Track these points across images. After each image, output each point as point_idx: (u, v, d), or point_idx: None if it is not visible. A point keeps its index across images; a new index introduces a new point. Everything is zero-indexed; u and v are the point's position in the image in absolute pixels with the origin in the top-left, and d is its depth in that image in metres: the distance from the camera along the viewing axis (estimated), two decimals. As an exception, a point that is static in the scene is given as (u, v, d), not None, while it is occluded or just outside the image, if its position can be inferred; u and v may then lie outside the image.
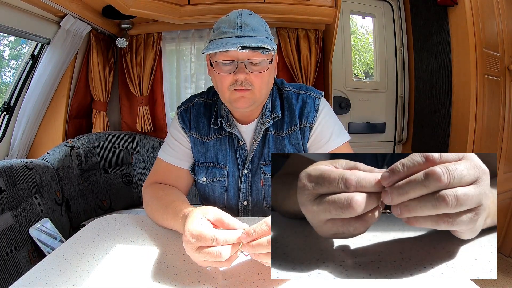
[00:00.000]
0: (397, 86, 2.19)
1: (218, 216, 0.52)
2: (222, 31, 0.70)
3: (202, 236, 0.47)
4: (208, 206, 0.55)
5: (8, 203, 1.05)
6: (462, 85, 1.66)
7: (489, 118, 1.67)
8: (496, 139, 1.74)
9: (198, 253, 0.48)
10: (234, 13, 0.73)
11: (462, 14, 1.60)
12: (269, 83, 0.77)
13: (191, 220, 0.51)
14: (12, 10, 1.23)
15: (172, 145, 0.85)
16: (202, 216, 0.52)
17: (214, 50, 0.68)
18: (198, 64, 1.98)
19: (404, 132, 2.20)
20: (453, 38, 1.70)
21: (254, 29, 0.71)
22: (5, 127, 1.50)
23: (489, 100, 1.66)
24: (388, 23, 2.16)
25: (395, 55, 2.17)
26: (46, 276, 0.50)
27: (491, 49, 1.66)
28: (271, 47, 0.69)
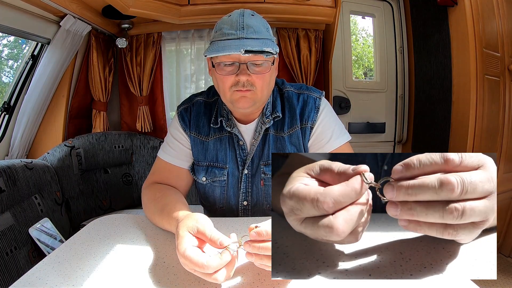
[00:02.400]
0: (397, 86, 2.18)
1: (201, 230, 0.50)
2: (224, 33, 0.70)
3: (193, 263, 0.46)
4: (194, 218, 0.54)
5: (8, 203, 1.05)
6: (462, 85, 1.66)
7: (489, 118, 1.67)
8: (496, 139, 1.74)
9: (196, 273, 0.47)
10: (235, 13, 0.73)
11: (462, 14, 1.60)
12: (271, 84, 0.77)
13: (181, 241, 0.50)
14: (12, 10, 1.23)
15: (172, 145, 0.85)
16: (188, 233, 0.51)
17: (216, 53, 0.68)
18: (198, 64, 1.98)
19: (404, 132, 2.20)
20: (453, 38, 1.70)
21: (256, 31, 0.70)
22: (5, 127, 1.50)
23: (489, 100, 1.66)
24: (388, 23, 2.16)
25: (395, 55, 2.17)
26: (46, 276, 0.50)
27: (491, 49, 1.66)
28: (274, 50, 0.69)
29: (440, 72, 1.80)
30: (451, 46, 1.71)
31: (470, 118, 1.60)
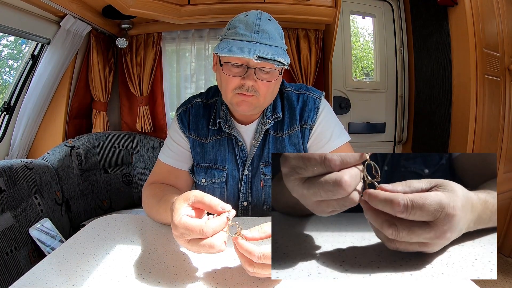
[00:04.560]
0: (397, 86, 2.18)
1: (199, 198, 0.50)
2: (238, 32, 0.68)
3: (189, 229, 0.46)
4: (190, 191, 0.53)
5: (8, 203, 1.05)
6: (462, 85, 1.66)
7: (489, 118, 1.67)
8: (496, 139, 1.74)
9: (191, 245, 0.47)
10: (253, 14, 0.71)
11: (462, 14, 1.60)
12: (274, 91, 0.76)
13: (176, 212, 0.49)
14: (12, 10, 1.23)
15: (172, 147, 0.85)
16: (185, 203, 0.50)
17: (229, 53, 0.66)
18: (198, 64, 1.98)
19: (404, 132, 2.20)
20: (453, 38, 1.70)
21: (271, 37, 0.69)
22: (5, 127, 1.50)
23: (489, 100, 1.66)
24: (388, 23, 2.15)
25: (395, 55, 2.17)
26: (46, 276, 0.50)
27: (491, 49, 1.66)
28: (285, 62, 0.68)
29: (440, 72, 1.80)
30: (451, 46, 1.71)
31: (470, 118, 1.60)
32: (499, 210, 1.76)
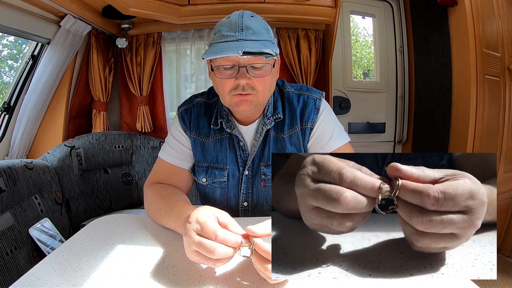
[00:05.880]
0: (397, 86, 2.19)
1: (227, 221, 0.51)
2: (223, 35, 0.69)
3: (206, 225, 0.48)
4: (211, 209, 0.54)
5: (8, 203, 1.05)
6: (462, 85, 1.66)
7: (489, 118, 1.67)
8: (496, 139, 1.74)
9: (196, 241, 0.48)
10: (235, 15, 0.71)
11: (462, 14, 1.60)
12: (272, 86, 0.76)
13: (202, 210, 0.52)
14: (12, 10, 1.23)
15: (173, 145, 0.85)
16: (212, 213, 0.52)
17: (214, 55, 0.66)
18: (198, 64, 1.98)
19: (404, 132, 2.20)
20: (453, 38, 1.70)
21: (256, 32, 0.69)
22: (5, 127, 1.50)
23: (489, 100, 1.66)
24: (388, 23, 2.16)
25: (395, 55, 2.17)
26: (46, 276, 0.50)
27: (491, 49, 1.66)
28: (273, 52, 0.67)
29: (440, 72, 1.80)
30: (451, 46, 1.71)
31: (470, 118, 1.60)
32: (499, 210, 1.76)
